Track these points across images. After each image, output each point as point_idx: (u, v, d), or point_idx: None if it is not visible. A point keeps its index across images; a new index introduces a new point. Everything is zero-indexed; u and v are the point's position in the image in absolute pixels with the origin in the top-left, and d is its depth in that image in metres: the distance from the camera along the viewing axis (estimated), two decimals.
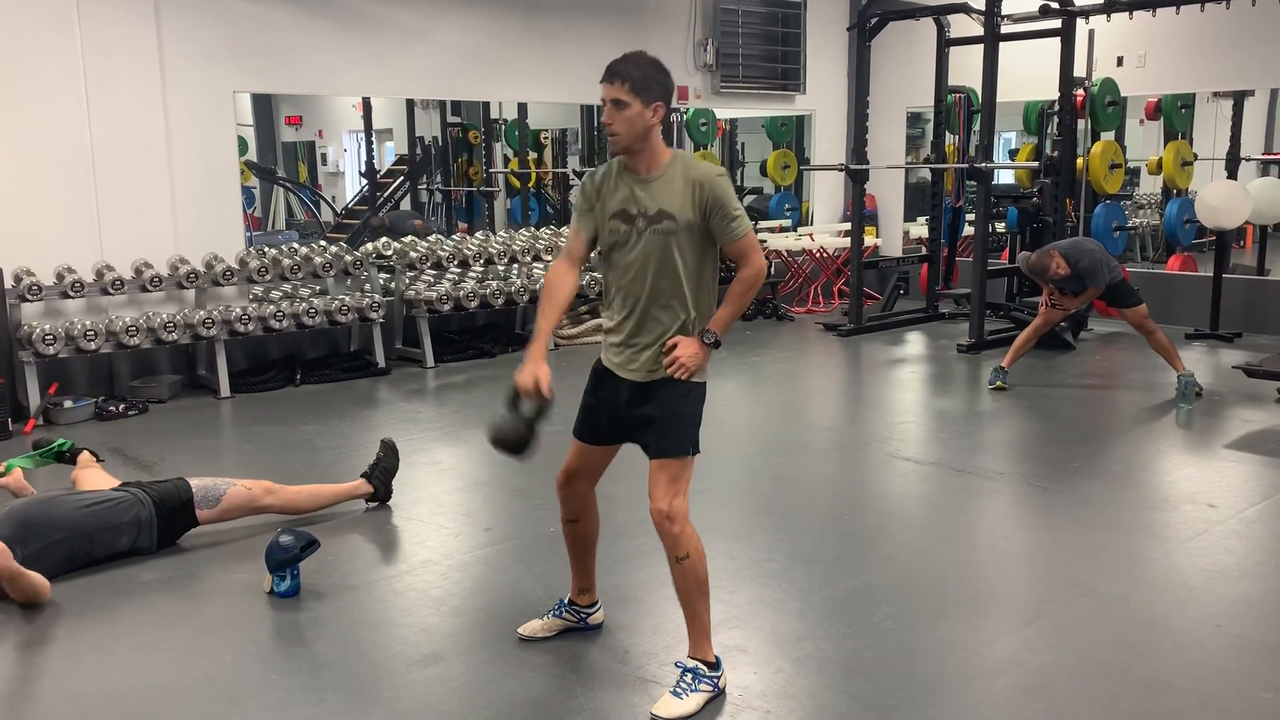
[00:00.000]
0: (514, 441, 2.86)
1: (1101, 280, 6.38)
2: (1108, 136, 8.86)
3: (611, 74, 2.80)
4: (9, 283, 6.19)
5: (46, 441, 4.76)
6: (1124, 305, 6.47)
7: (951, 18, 8.80)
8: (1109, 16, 7.88)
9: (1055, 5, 7.92)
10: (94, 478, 4.35)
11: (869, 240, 9.91)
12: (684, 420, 2.91)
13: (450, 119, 11.33)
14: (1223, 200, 7.90)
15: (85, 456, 4.65)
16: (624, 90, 2.77)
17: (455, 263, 7.85)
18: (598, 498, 3.23)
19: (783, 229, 10.68)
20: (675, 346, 2.86)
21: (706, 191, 2.81)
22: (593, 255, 3.02)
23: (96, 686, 3.13)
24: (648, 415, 2.92)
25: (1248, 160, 9.40)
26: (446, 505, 4.66)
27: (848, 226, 9.58)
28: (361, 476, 4.55)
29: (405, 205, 12.14)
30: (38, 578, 3.56)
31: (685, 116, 9.97)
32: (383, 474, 4.56)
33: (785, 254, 10.10)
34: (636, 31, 9.13)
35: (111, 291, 6.40)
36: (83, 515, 3.84)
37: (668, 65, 2.93)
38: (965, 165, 8.54)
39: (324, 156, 14.12)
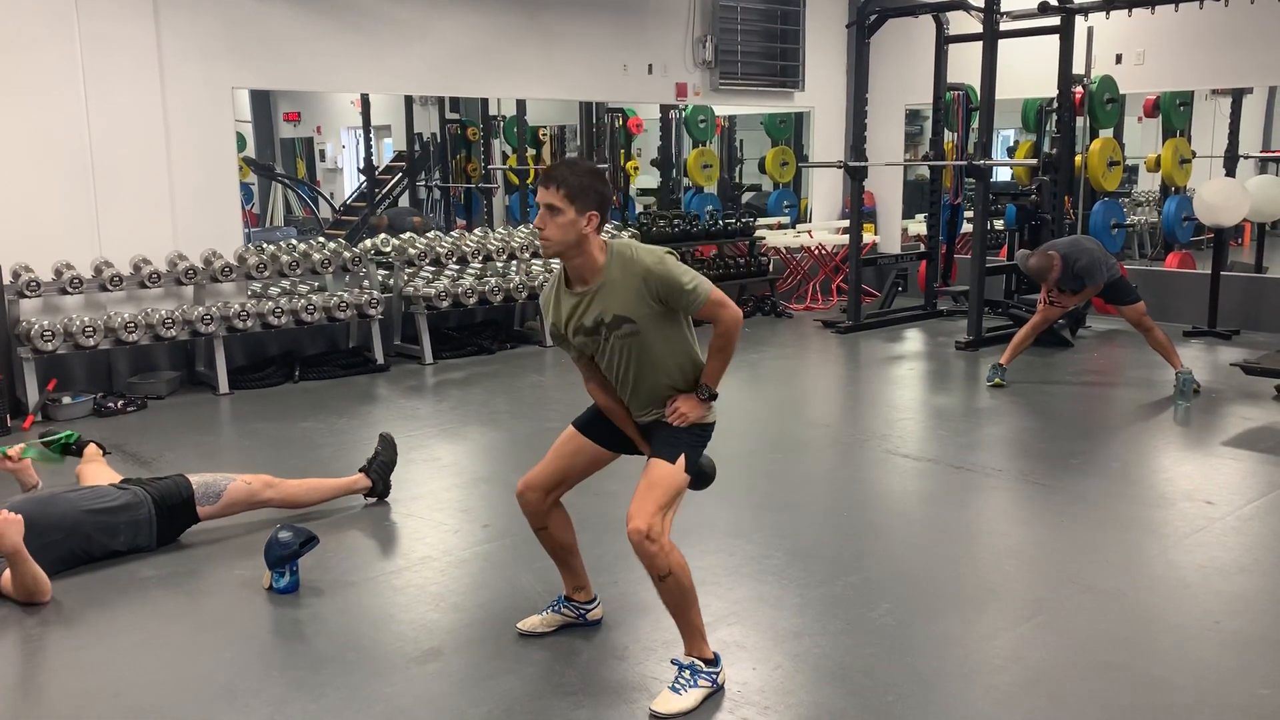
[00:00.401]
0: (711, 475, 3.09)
1: (1100, 278, 6.39)
2: (1106, 134, 8.87)
3: (548, 179, 2.79)
4: (7, 279, 6.18)
5: (53, 433, 4.76)
6: (1122, 303, 6.48)
7: (950, 15, 8.80)
8: (1108, 14, 7.89)
9: (1054, 2, 7.92)
10: (97, 472, 4.36)
11: (867, 237, 9.92)
12: (684, 439, 2.94)
13: (449, 115, 11.33)
14: (1221, 198, 7.91)
15: (92, 449, 4.66)
16: (559, 196, 2.76)
17: (454, 259, 7.84)
18: (594, 496, 3.24)
19: (781, 226, 10.68)
20: (676, 402, 2.94)
21: (654, 282, 2.81)
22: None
23: (96, 683, 3.13)
24: (652, 433, 3.00)
25: (1246, 158, 9.41)
26: (445, 501, 4.66)
27: (846, 224, 9.58)
28: (360, 471, 4.55)
29: (404, 202, 12.14)
30: (41, 573, 3.56)
31: (684, 114, 9.97)
32: (380, 468, 4.56)
33: (784, 251, 10.11)
34: (635, 28, 9.13)
35: (110, 288, 6.40)
36: (82, 516, 3.84)
37: (666, 62, 2.94)
38: (964, 162, 8.54)
39: (322, 153, 14.10)
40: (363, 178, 12.33)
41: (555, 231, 2.78)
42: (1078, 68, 8.18)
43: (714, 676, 2.94)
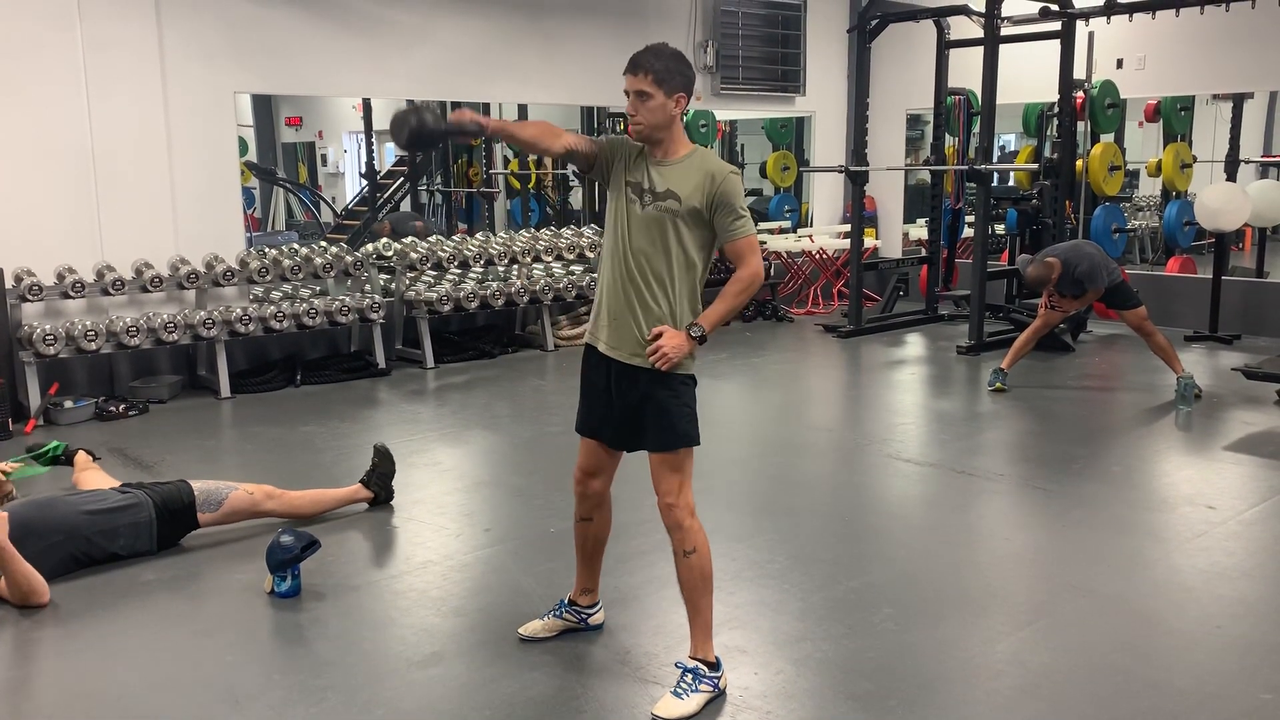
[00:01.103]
0: (422, 130, 2.90)
1: (1100, 283, 6.39)
2: (1107, 138, 8.88)
3: (635, 65, 2.84)
4: (9, 283, 6.19)
5: (39, 446, 4.77)
6: (1123, 307, 6.49)
7: (951, 20, 8.81)
8: (1109, 19, 7.89)
9: (1055, 7, 7.93)
10: (94, 478, 4.36)
11: (868, 242, 9.93)
12: (678, 415, 2.91)
13: None
14: (1222, 202, 7.91)
15: (82, 457, 4.66)
16: (648, 82, 2.82)
17: (455, 264, 7.85)
18: None
19: (782, 230, 10.68)
20: (660, 335, 2.86)
21: (717, 184, 2.84)
22: (573, 155, 2.99)
23: (97, 686, 3.13)
24: (639, 416, 2.93)
25: (1247, 162, 9.42)
26: (446, 506, 4.66)
27: (847, 228, 9.58)
28: (359, 483, 4.55)
29: (405, 206, 12.16)
30: (33, 573, 3.55)
31: (685, 118, 9.96)
32: (380, 479, 4.56)
33: (785, 255, 10.11)
34: (636, 33, 9.13)
35: (112, 292, 6.40)
36: (81, 518, 3.84)
37: None
38: (965, 167, 8.54)
39: (324, 157, 14.13)
40: (364, 182, 12.35)
41: (646, 116, 2.85)
42: (1079, 73, 8.19)
43: (716, 681, 2.94)
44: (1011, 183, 9.45)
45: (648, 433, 2.93)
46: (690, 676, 2.90)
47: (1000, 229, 9.40)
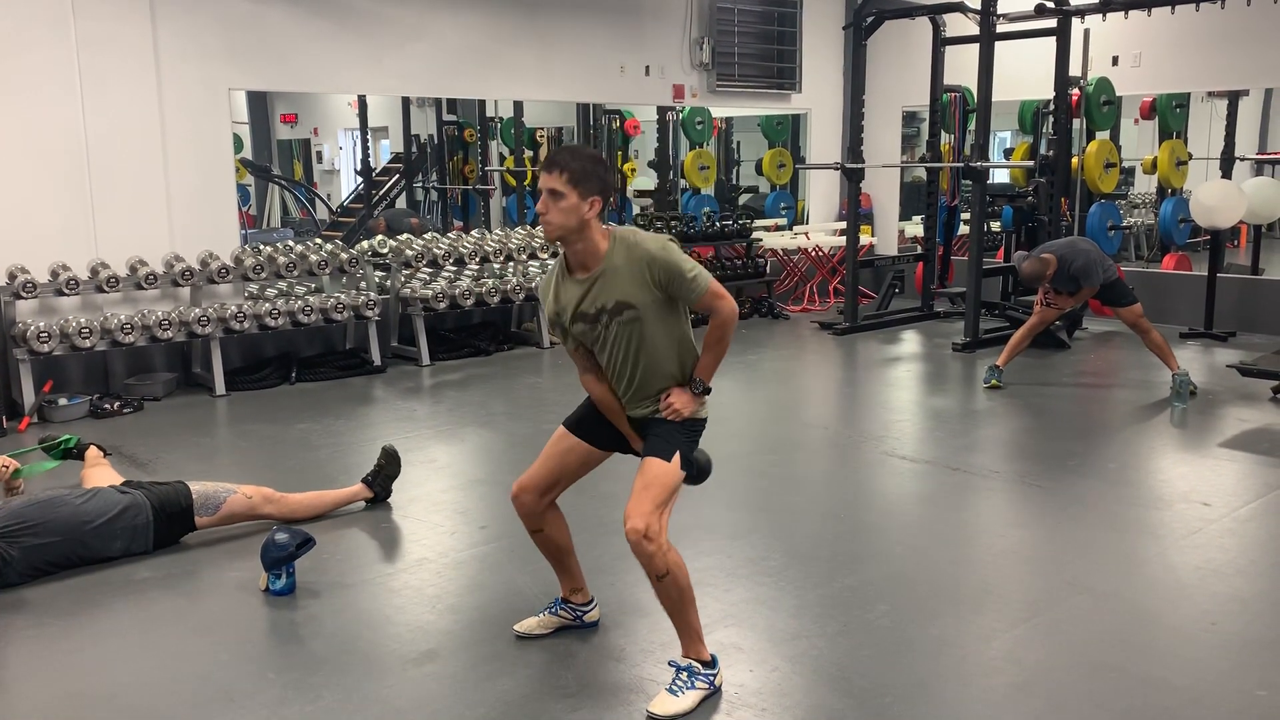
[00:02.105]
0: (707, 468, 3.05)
1: (1096, 280, 6.39)
2: (1103, 136, 8.88)
3: (550, 164, 2.80)
4: (4, 280, 6.18)
5: (52, 439, 4.76)
6: (1119, 304, 6.49)
7: (947, 17, 8.81)
8: (1104, 16, 7.90)
9: (1051, 4, 7.93)
10: (101, 475, 4.36)
11: (864, 239, 9.92)
12: (678, 436, 2.93)
13: (446, 117, 11.33)
14: (1217, 199, 7.92)
15: (93, 452, 4.66)
16: (562, 181, 2.77)
17: (451, 261, 7.84)
18: (589, 498, 3.24)
19: (778, 228, 10.68)
20: (669, 394, 2.94)
21: (657, 269, 2.81)
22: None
23: (92, 684, 3.12)
24: (644, 431, 2.99)
25: (1242, 160, 9.44)
26: (442, 503, 4.65)
27: (843, 225, 9.58)
28: (362, 482, 4.54)
29: (401, 203, 12.14)
30: None
31: (681, 115, 9.97)
32: (384, 481, 4.56)
33: (781, 253, 10.11)
34: (632, 30, 9.13)
35: (106, 289, 6.39)
36: (80, 523, 3.83)
37: (663, 64, 2.95)
38: (961, 164, 8.55)
39: (319, 154, 14.11)
40: (360, 179, 12.34)
41: (558, 216, 2.79)
42: (1074, 70, 8.19)
43: (711, 678, 2.94)
44: (1007, 180, 9.45)
45: (646, 440, 2.96)
46: (686, 674, 2.90)
47: (996, 226, 9.41)
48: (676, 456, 2.90)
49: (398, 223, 10.42)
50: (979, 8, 7.82)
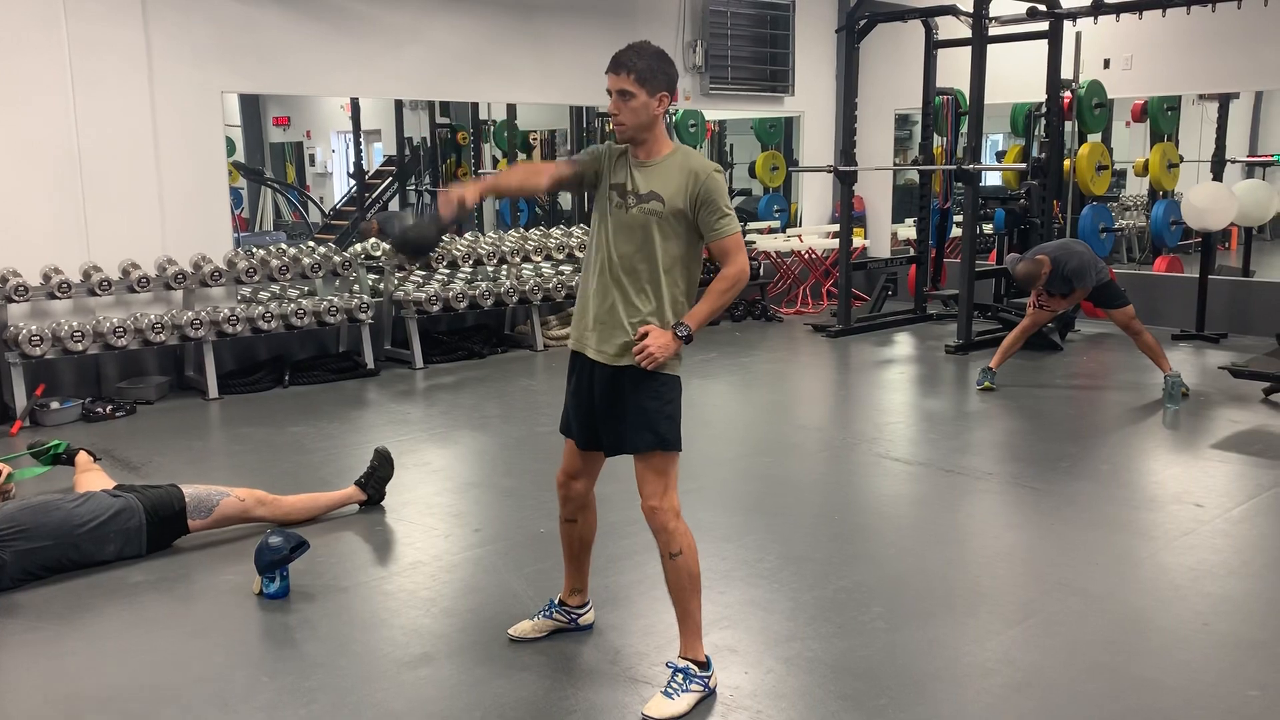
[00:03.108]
0: (419, 242, 2.96)
1: (1089, 281, 6.41)
2: (1094, 138, 8.91)
3: (617, 65, 2.82)
4: None
5: (41, 444, 4.75)
6: (1112, 306, 6.51)
7: (939, 20, 8.83)
8: (1096, 19, 7.92)
9: (1042, 8, 7.96)
10: (92, 480, 4.34)
11: (857, 241, 9.95)
12: (659, 416, 2.89)
13: (439, 120, 11.33)
14: (1208, 202, 7.95)
15: (83, 457, 4.64)
16: (630, 81, 2.80)
17: (444, 264, 7.84)
18: None
19: (771, 230, 10.70)
20: (645, 335, 2.84)
21: (700, 183, 2.82)
22: (558, 183, 3.04)
23: (85, 688, 3.11)
24: (620, 414, 2.90)
25: (1233, 162, 9.46)
26: (436, 506, 4.65)
27: (836, 228, 9.60)
28: (355, 485, 4.54)
29: (394, 206, 12.13)
30: None
31: (674, 118, 9.98)
32: (377, 483, 4.56)
33: (774, 255, 10.12)
34: (626, 33, 9.13)
35: (99, 292, 6.37)
36: (72, 527, 3.82)
37: None
38: (953, 167, 8.56)
39: (312, 157, 14.10)
40: (352, 182, 12.33)
41: (629, 116, 2.82)
42: (1066, 73, 8.22)
43: (706, 681, 2.94)
44: (999, 182, 9.47)
45: (627, 435, 2.91)
46: (681, 676, 2.90)
47: (988, 228, 9.43)
48: (664, 436, 2.87)
49: (391, 226, 10.39)
50: (971, 11, 7.84)
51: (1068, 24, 8.07)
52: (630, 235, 2.86)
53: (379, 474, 4.56)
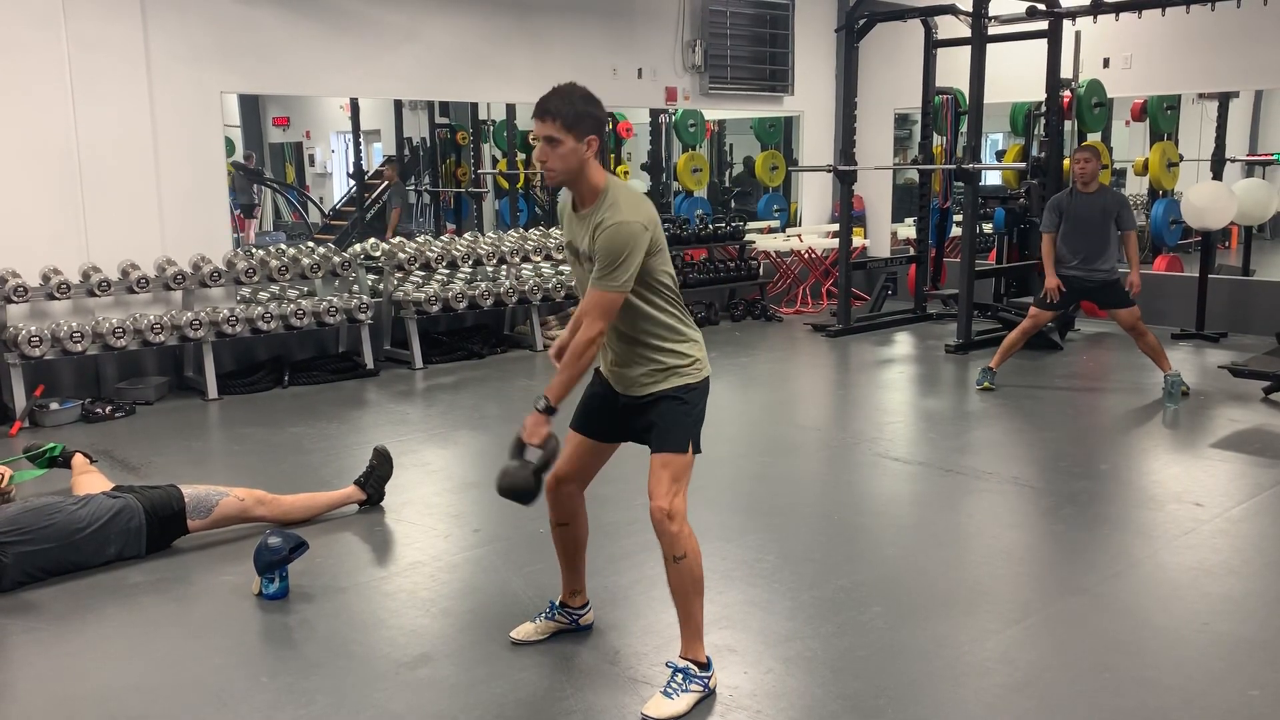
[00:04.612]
0: (522, 491, 2.90)
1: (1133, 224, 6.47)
2: (1094, 137, 8.90)
3: (542, 110, 2.79)
4: None
5: (37, 446, 4.75)
6: (1118, 306, 6.45)
7: (939, 19, 8.83)
8: (1095, 18, 7.92)
9: (1042, 7, 7.95)
10: (92, 482, 4.34)
11: (857, 241, 9.94)
12: (685, 420, 2.91)
13: (438, 120, 11.32)
14: (1208, 201, 7.94)
15: (79, 460, 4.64)
16: (556, 127, 2.76)
17: (444, 264, 7.83)
18: (588, 499, 3.23)
19: (771, 230, 10.70)
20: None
21: (598, 241, 2.77)
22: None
23: (84, 689, 3.11)
24: (648, 423, 2.94)
25: (1233, 161, 9.46)
26: (435, 507, 4.65)
27: (836, 227, 9.60)
28: (355, 484, 4.54)
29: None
30: None
31: (674, 118, 9.98)
32: (376, 482, 4.56)
33: (774, 255, 10.12)
34: (624, 32, 9.14)
35: (98, 293, 6.37)
36: (73, 530, 3.82)
37: (656, 66, 2.94)
38: (953, 166, 8.56)
39: (311, 157, 14.10)
40: (352, 182, 12.32)
41: (558, 162, 2.78)
42: (1065, 72, 8.22)
43: (706, 681, 2.94)
44: (999, 182, 9.47)
45: (651, 435, 2.93)
46: (680, 676, 2.90)
47: (988, 228, 9.43)
48: (687, 441, 2.89)
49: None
50: (970, 10, 7.84)
51: (1067, 23, 8.06)
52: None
53: (378, 473, 4.56)
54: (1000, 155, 10.73)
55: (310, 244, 8.30)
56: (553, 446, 2.86)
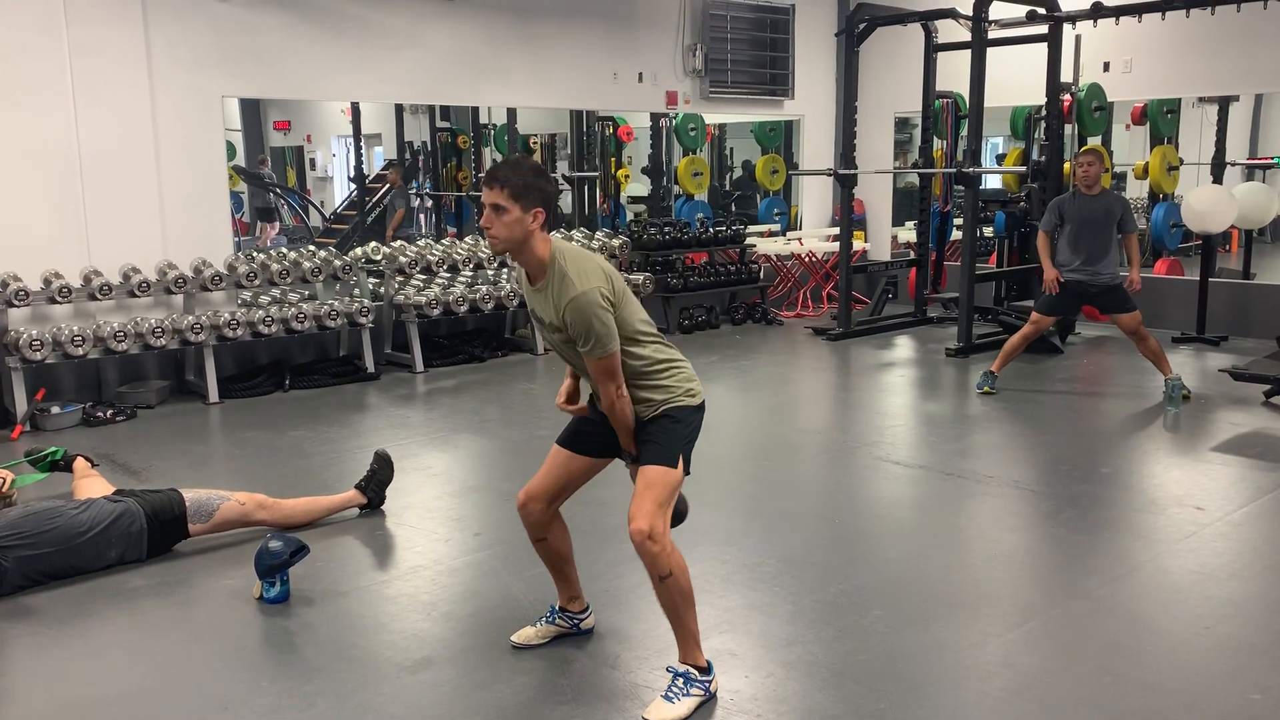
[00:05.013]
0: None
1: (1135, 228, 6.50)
2: (1094, 141, 8.90)
3: (491, 179, 2.80)
4: None
5: (39, 451, 4.75)
6: (1120, 310, 6.43)
7: (939, 23, 8.84)
8: (1095, 22, 7.92)
9: (1042, 11, 7.96)
10: (93, 486, 4.34)
11: (857, 244, 9.95)
12: (675, 436, 2.93)
13: (439, 124, 11.33)
14: (1208, 205, 7.94)
15: (81, 464, 4.64)
16: (504, 196, 2.77)
17: (444, 267, 7.84)
18: (586, 503, 3.23)
19: (772, 233, 10.70)
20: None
21: (568, 319, 2.81)
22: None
23: (85, 693, 3.11)
24: (639, 439, 2.97)
25: (1233, 165, 9.46)
26: (436, 510, 4.65)
27: (836, 231, 9.60)
28: (356, 488, 4.54)
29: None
30: None
31: (675, 122, 9.98)
32: (377, 486, 4.56)
33: (774, 258, 10.12)
34: (625, 37, 9.15)
35: (99, 297, 6.37)
36: (74, 534, 3.82)
37: (656, 70, 2.97)
38: (953, 170, 8.57)
39: (313, 161, 14.10)
40: (353, 186, 12.33)
41: (502, 230, 2.79)
42: (1066, 76, 8.22)
43: (707, 685, 2.94)
44: (999, 185, 9.48)
45: (641, 446, 2.95)
46: (681, 680, 2.90)
47: (989, 232, 9.43)
48: (675, 458, 2.90)
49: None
50: (971, 14, 7.85)
51: (1067, 27, 8.07)
52: (577, 360, 2.93)
53: (379, 477, 4.56)
54: (1000, 159, 10.73)
55: (311, 247, 8.30)
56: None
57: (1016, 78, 8.71)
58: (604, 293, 2.80)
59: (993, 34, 7.99)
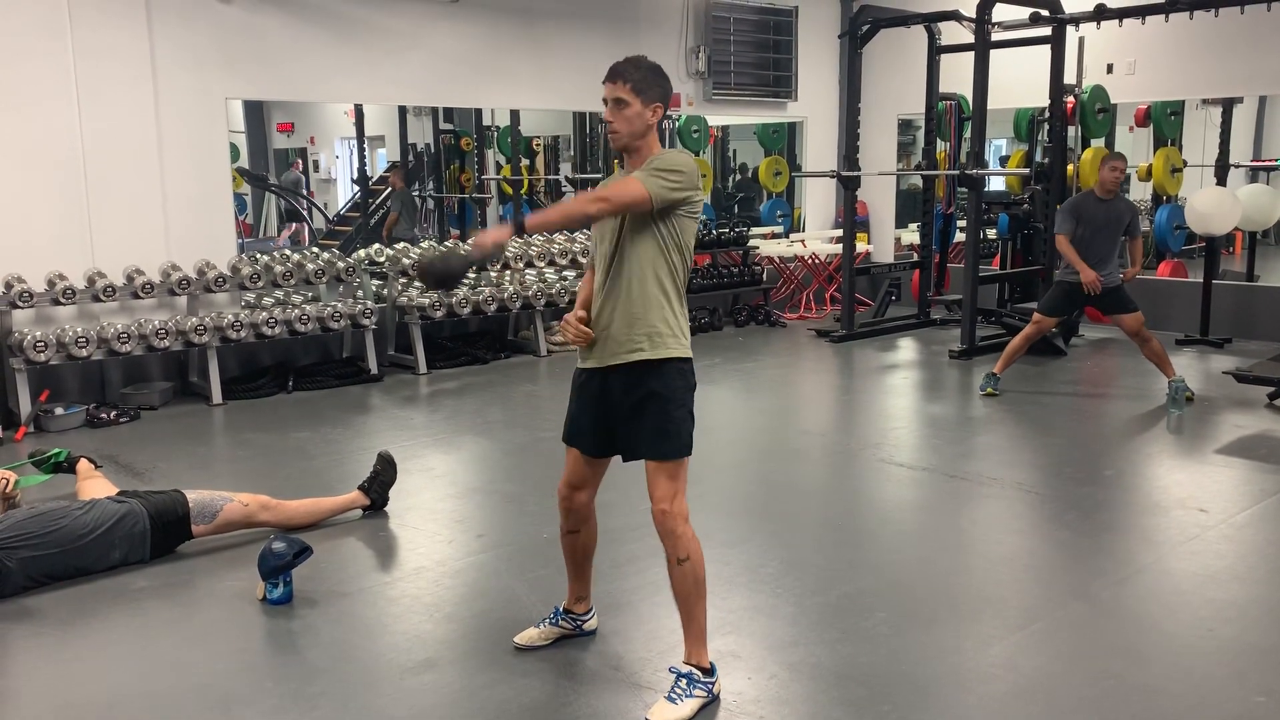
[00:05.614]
0: (443, 275, 2.98)
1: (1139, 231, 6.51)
2: (1098, 143, 8.90)
3: (614, 74, 2.87)
4: (0, 289, 6.17)
5: (42, 452, 4.76)
6: (1122, 312, 6.43)
7: (942, 25, 8.84)
8: (1099, 24, 7.92)
9: (1045, 13, 7.96)
10: (95, 487, 4.35)
11: (861, 247, 9.94)
12: (676, 422, 2.91)
13: (443, 125, 11.35)
14: (1212, 207, 7.94)
15: (84, 465, 4.65)
16: (625, 90, 2.84)
17: None
18: None
19: (775, 235, 10.70)
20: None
21: (649, 164, 2.83)
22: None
23: (89, 695, 3.11)
24: (637, 420, 2.92)
25: (1236, 167, 9.46)
26: (439, 512, 4.65)
27: (839, 233, 9.60)
28: (359, 489, 4.54)
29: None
30: None
31: (678, 124, 9.99)
32: (380, 487, 4.56)
33: (777, 260, 10.12)
34: (629, 39, 9.14)
35: (103, 298, 6.38)
36: (78, 535, 3.83)
37: None
38: (956, 172, 8.56)
39: (316, 163, 14.12)
40: (356, 188, 12.35)
41: (623, 124, 2.87)
42: (1069, 77, 8.22)
43: (710, 686, 2.93)
44: (1003, 187, 9.47)
45: (644, 440, 2.92)
46: (684, 682, 2.90)
47: (992, 233, 9.43)
48: (680, 439, 2.89)
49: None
50: (974, 16, 7.85)
51: (1070, 29, 8.07)
52: (617, 244, 2.90)
53: (382, 478, 4.56)
54: (1004, 161, 10.75)
55: (315, 249, 8.32)
56: (496, 255, 2.89)
57: (1020, 79, 8.71)
58: (693, 180, 2.86)
59: (996, 36, 7.99)
